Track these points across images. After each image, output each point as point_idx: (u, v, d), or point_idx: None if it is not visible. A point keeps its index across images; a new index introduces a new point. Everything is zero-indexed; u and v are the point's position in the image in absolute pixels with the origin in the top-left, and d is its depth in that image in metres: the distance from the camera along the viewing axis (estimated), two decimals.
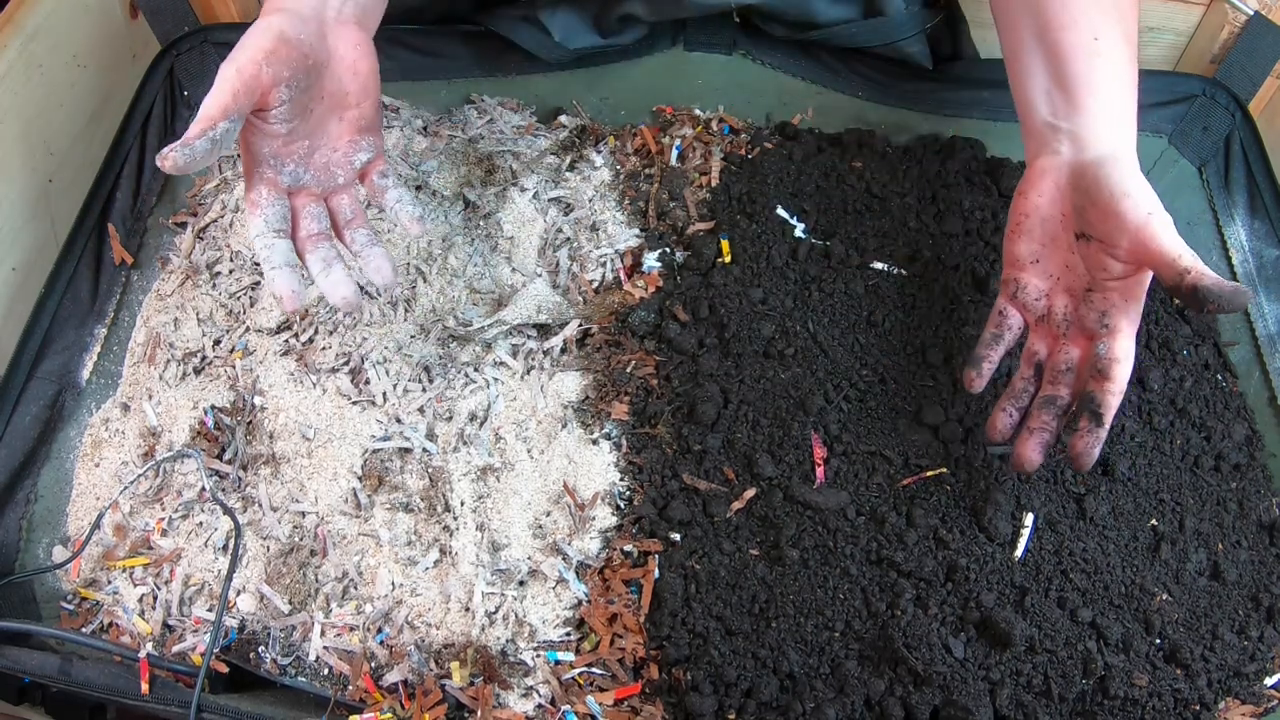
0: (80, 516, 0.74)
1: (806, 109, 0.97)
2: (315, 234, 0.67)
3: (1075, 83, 0.68)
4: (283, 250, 0.64)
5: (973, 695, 0.62)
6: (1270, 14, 0.90)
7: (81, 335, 0.81)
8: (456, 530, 0.71)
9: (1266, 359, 0.83)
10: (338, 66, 0.66)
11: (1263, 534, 0.74)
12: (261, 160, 0.64)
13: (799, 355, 0.78)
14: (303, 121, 0.65)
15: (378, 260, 0.69)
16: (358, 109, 0.68)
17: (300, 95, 0.63)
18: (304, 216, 0.67)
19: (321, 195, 0.69)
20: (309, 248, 0.67)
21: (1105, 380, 0.64)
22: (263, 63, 0.60)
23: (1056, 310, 0.68)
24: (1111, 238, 0.62)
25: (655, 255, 0.85)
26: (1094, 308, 0.65)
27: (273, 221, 0.64)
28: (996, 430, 0.69)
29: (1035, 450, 0.66)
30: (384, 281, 0.70)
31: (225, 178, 0.91)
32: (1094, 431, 0.64)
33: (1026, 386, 0.69)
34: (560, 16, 0.90)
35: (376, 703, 0.65)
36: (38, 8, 0.81)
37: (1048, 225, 0.68)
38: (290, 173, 0.66)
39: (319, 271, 0.66)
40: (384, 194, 0.71)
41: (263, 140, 0.64)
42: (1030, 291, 0.69)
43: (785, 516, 0.70)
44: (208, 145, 0.57)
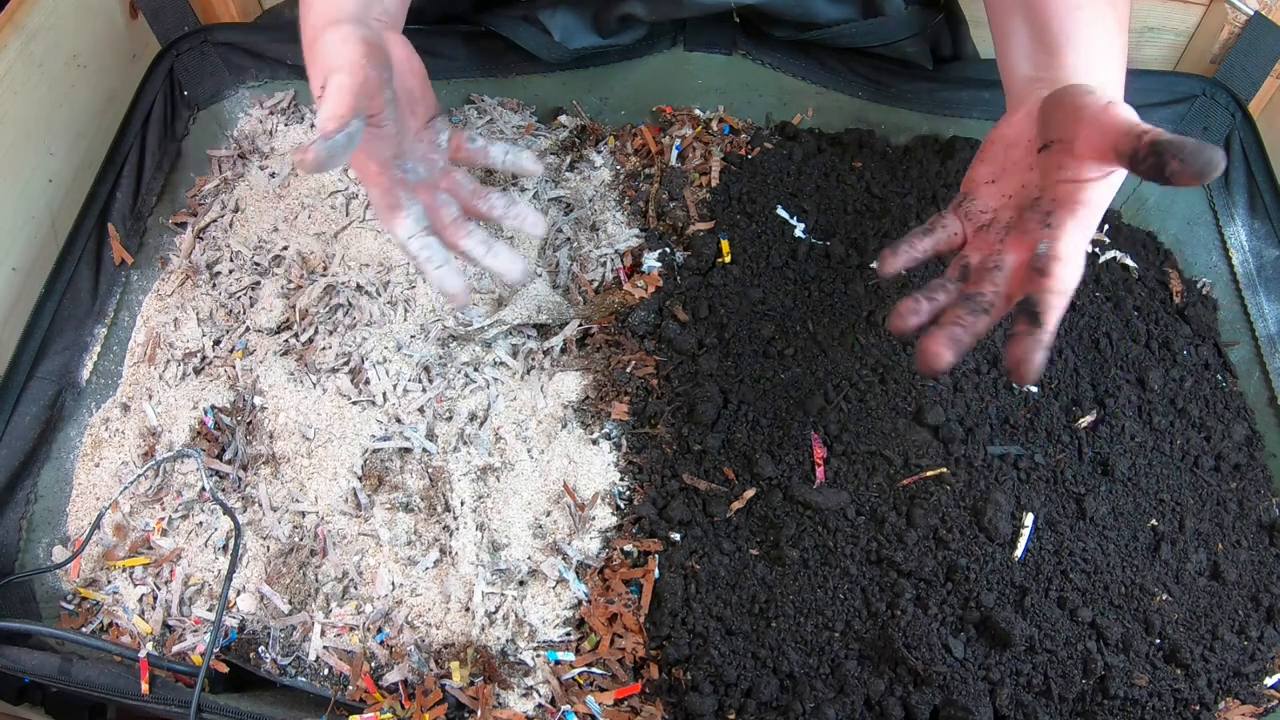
0: (80, 516, 0.74)
1: (806, 109, 0.97)
2: (457, 219, 0.68)
3: (1055, 40, 0.66)
4: (438, 247, 0.65)
5: (973, 695, 0.62)
6: (1270, 14, 0.90)
7: (81, 335, 0.81)
8: (456, 530, 0.71)
9: (1266, 359, 0.83)
10: (400, 67, 0.67)
11: (1263, 534, 0.74)
12: (387, 164, 0.64)
13: (799, 355, 0.78)
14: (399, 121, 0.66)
15: (527, 214, 0.70)
16: (424, 101, 0.69)
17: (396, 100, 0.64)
18: (439, 207, 0.68)
19: (434, 185, 0.69)
20: (459, 235, 0.68)
21: (1044, 278, 0.57)
22: (366, 65, 0.59)
23: (1000, 219, 0.64)
24: (1072, 131, 0.58)
25: (655, 255, 0.85)
26: (1039, 209, 0.60)
27: (420, 220, 0.65)
28: (900, 316, 0.61)
29: (943, 345, 0.58)
30: (539, 232, 0.71)
31: (225, 178, 0.91)
32: (1033, 334, 0.55)
33: (946, 285, 0.63)
34: (560, 16, 0.90)
35: (376, 703, 0.65)
36: (38, 8, 0.81)
37: (1011, 152, 0.65)
38: (413, 170, 0.66)
39: (483, 254, 0.67)
40: (487, 154, 0.72)
41: (380, 144, 0.64)
42: (978, 204, 0.65)
43: (785, 516, 0.70)
44: (345, 140, 0.56)
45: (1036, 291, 0.57)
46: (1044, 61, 0.67)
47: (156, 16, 0.94)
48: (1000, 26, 0.72)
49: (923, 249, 0.66)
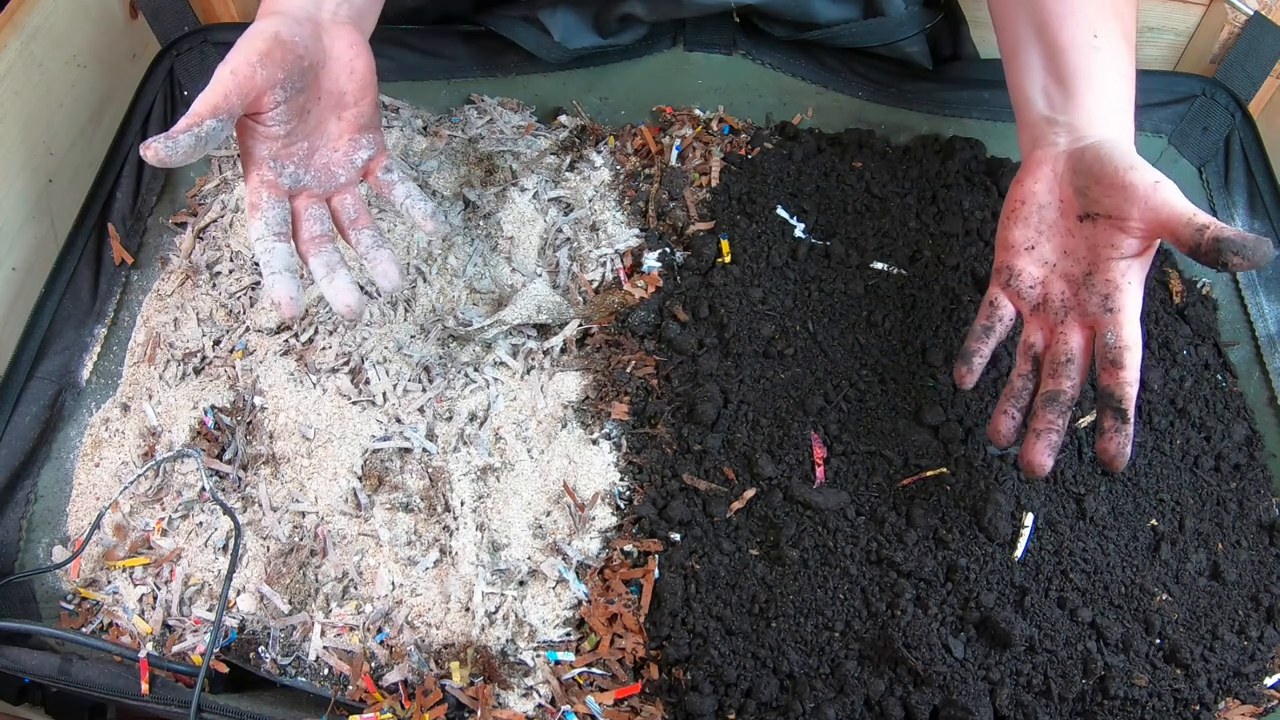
0: (80, 516, 0.74)
1: (806, 109, 0.97)
2: (318, 236, 0.67)
3: (1072, 77, 0.67)
4: (283, 254, 0.64)
5: (973, 695, 0.62)
6: (1270, 14, 0.90)
7: (81, 335, 0.81)
8: (456, 530, 0.71)
9: (1266, 359, 0.83)
10: (334, 67, 0.66)
11: (1263, 534, 0.74)
12: (260, 162, 0.64)
13: (799, 355, 0.78)
14: (301, 123, 0.65)
15: (384, 264, 0.69)
16: (356, 108, 0.68)
17: (296, 97, 0.63)
18: (306, 219, 0.67)
19: (323, 196, 0.68)
20: (312, 251, 0.67)
21: (1119, 370, 0.60)
22: (257, 64, 0.60)
23: (1053, 297, 0.65)
24: (1121, 210, 0.60)
25: (655, 255, 0.85)
26: (1095, 291, 0.62)
27: (273, 224, 0.64)
28: (1000, 434, 0.66)
29: (1044, 454, 0.62)
30: (390, 286, 0.69)
31: (225, 178, 0.91)
32: (1122, 429, 0.59)
33: (1026, 383, 0.66)
34: (560, 16, 0.90)
35: (376, 703, 0.65)
36: (38, 8, 0.81)
37: (1045, 211, 0.67)
38: (290, 174, 0.65)
39: (322, 277, 0.66)
40: (392, 189, 0.71)
41: (261, 143, 0.64)
42: (1025, 279, 0.67)
43: (785, 516, 0.70)
44: (191, 141, 0.57)
45: (1114, 385, 0.60)
46: (1061, 102, 0.67)
47: (156, 16, 0.94)
48: (1013, 53, 0.72)
49: (990, 348, 0.68)
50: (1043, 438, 0.63)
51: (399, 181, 0.71)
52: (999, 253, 0.69)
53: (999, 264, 0.69)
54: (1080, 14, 0.68)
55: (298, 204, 0.67)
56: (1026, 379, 0.67)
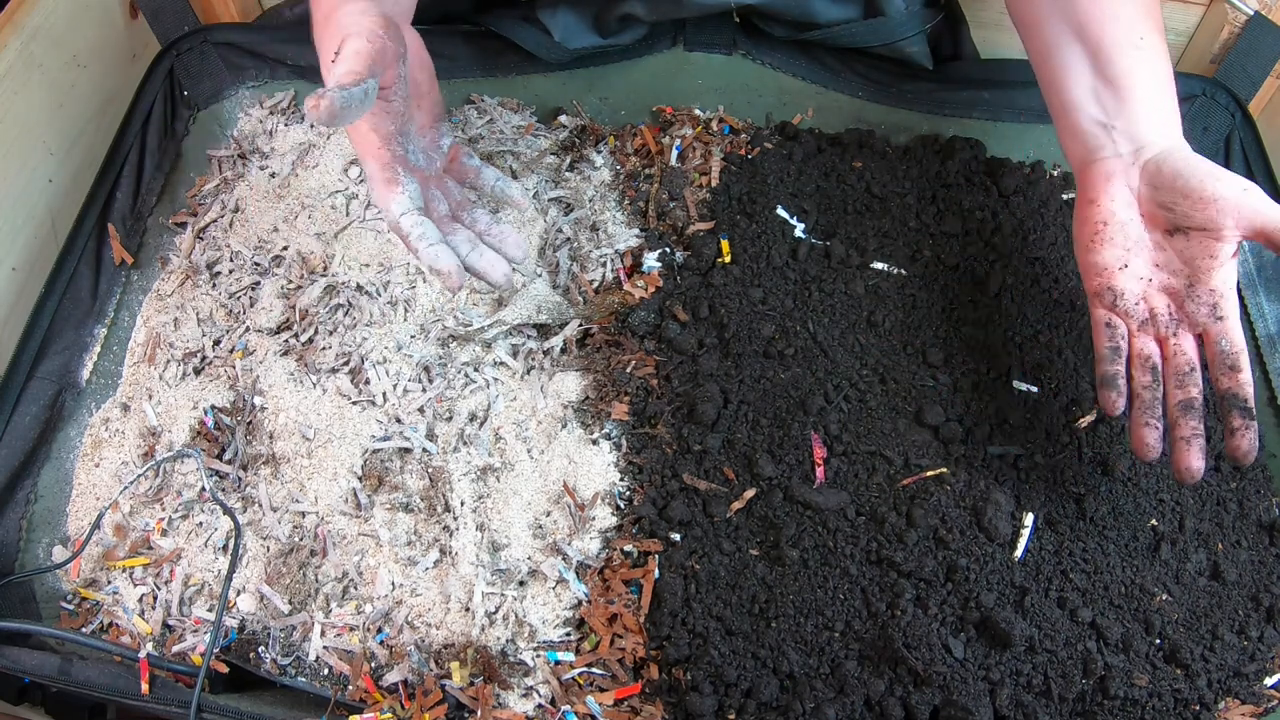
0: (80, 516, 0.74)
1: (806, 109, 0.97)
2: (444, 216, 0.67)
3: (1123, 79, 0.67)
4: (433, 228, 0.64)
5: (973, 695, 0.62)
6: (1270, 14, 0.89)
7: (81, 335, 0.81)
8: (456, 530, 0.71)
9: (1266, 359, 0.83)
10: (411, 57, 0.66)
11: (1263, 534, 0.74)
12: (389, 138, 0.63)
13: (799, 355, 0.78)
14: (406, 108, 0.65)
15: (510, 237, 0.70)
16: (430, 97, 0.69)
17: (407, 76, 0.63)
18: (432, 199, 0.67)
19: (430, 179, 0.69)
20: (446, 230, 0.67)
21: (1239, 373, 0.63)
22: (383, 35, 0.59)
23: (1160, 312, 0.67)
24: (1215, 221, 0.62)
25: (655, 255, 0.85)
26: (1202, 301, 0.64)
27: (415, 198, 0.64)
28: (1149, 447, 0.66)
29: (1198, 459, 0.64)
30: (520, 255, 0.69)
31: (225, 178, 0.91)
32: (1250, 426, 0.63)
33: (1154, 394, 0.67)
34: (560, 16, 0.90)
35: (376, 703, 0.65)
36: (38, 8, 0.81)
37: (1129, 229, 0.67)
38: (413, 151, 0.66)
39: (468, 252, 0.66)
40: (478, 174, 0.71)
41: (386, 118, 0.63)
42: (1129, 298, 0.68)
43: (785, 516, 0.70)
44: (361, 95, 0.54)
45: (1237, 388, 0.63)
46: (1114, 106, 0.68)
47: (156, 16, 0.94)
48: (1051, 57, 0.72)
49: (1124, 367, 0.68)
50: (1193, 444, 0.64)
51: (482, 167, 0.71)
52: (1089, 277, 0.69)
53: (1096, 288, 0.69)
54: (1121, 15, 0.68)
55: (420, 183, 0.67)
56: (1153, 389, 0.67)
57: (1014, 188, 0.89)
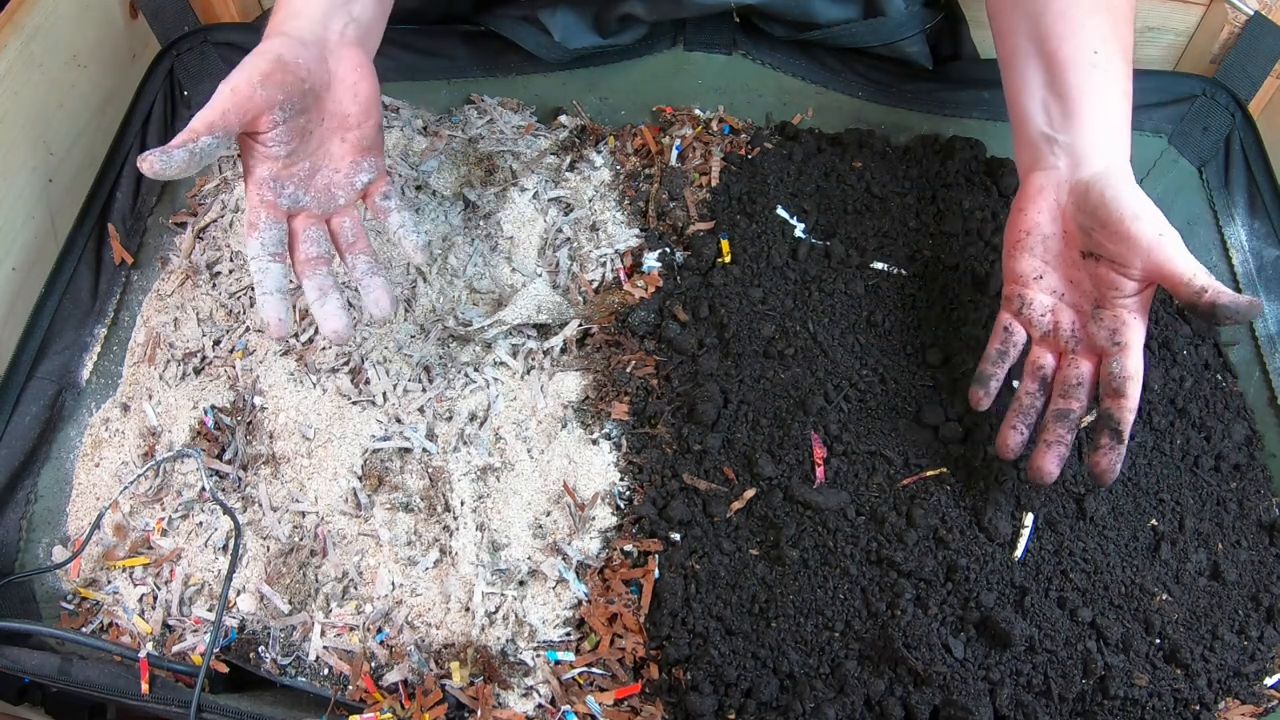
0: (80, 516, 0.74)
1: (806, 109, 0.97)
2: (314, 258, 0.67)
3: (1073, 95, 0.68)
4: (276, 275, 0.64)
5: (973, 695, 0.62)
6: (1270, 14, 0.90)
7: (81, 335, 0.81)
8: (456, 530, 0.71)
9: (1266, 359, 0.83)
10: (339, 88, 0.67)
11: (1263, 534, 0.74)
12: (261, 183, 0.65)
13: (799, 355, 0.78)
14: (303, 143, 0.66)
15: (376, 291, 0.69)
16: (359, 130, 0.68)
17: (296, 119, 0.64)
18: (303, 240, 0.67)
19: (323, 217, 0.68)
20: (306, 272, 0.67)
21: (1121, 398, 0.64)
22: (258, 85, 0.61)
23: (1064, 327, 0.68)
24: (1124, 258, 0.63)
25: (655, 255, 0.85)
26: (1104, 325, 0.65)
27: (269, 245, 0.64)
28: (1009, 448, 0.68)
29: (1053, 463, 0.66)
30: (380, 314, 0.69)
31: (225, 178, 0.91)
32: (1115, 448, 0.64)
33: (1034, 401, 0.69)
34: (560, 16, 0.90)
35: (376, 703, 0.65)
36: (38, 8, 0.81)
37: (1050, 243, 0.69)
38: (290, 195, 0.66)
39: (315, 300, 0.66)
40: (387, 216, 0.71)
41: (261, 163, 0.64)
42: (1036, 308, 0.69)
43: (785, 516, 0.70)
44: (185, 156, 0.58)
45: (1116, 410, 0.64)
46: (1060, 120, 0.68)
47: (156, 16, 0.94)
48: (1011, 64, 0.73)
49: (1004, 372, 0.70)
50: (1053, 449, 0.66)
51: (395, 210, 0.71)
52: (1007, 282, 0.71)
53: (1009, 293, 0.71)
54: (1081, 31, 0.68)
55: (296, 224, 0.67)
56: (1034, 397, 0.69)
57: (1014, 188, 0.89)
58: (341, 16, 0.68)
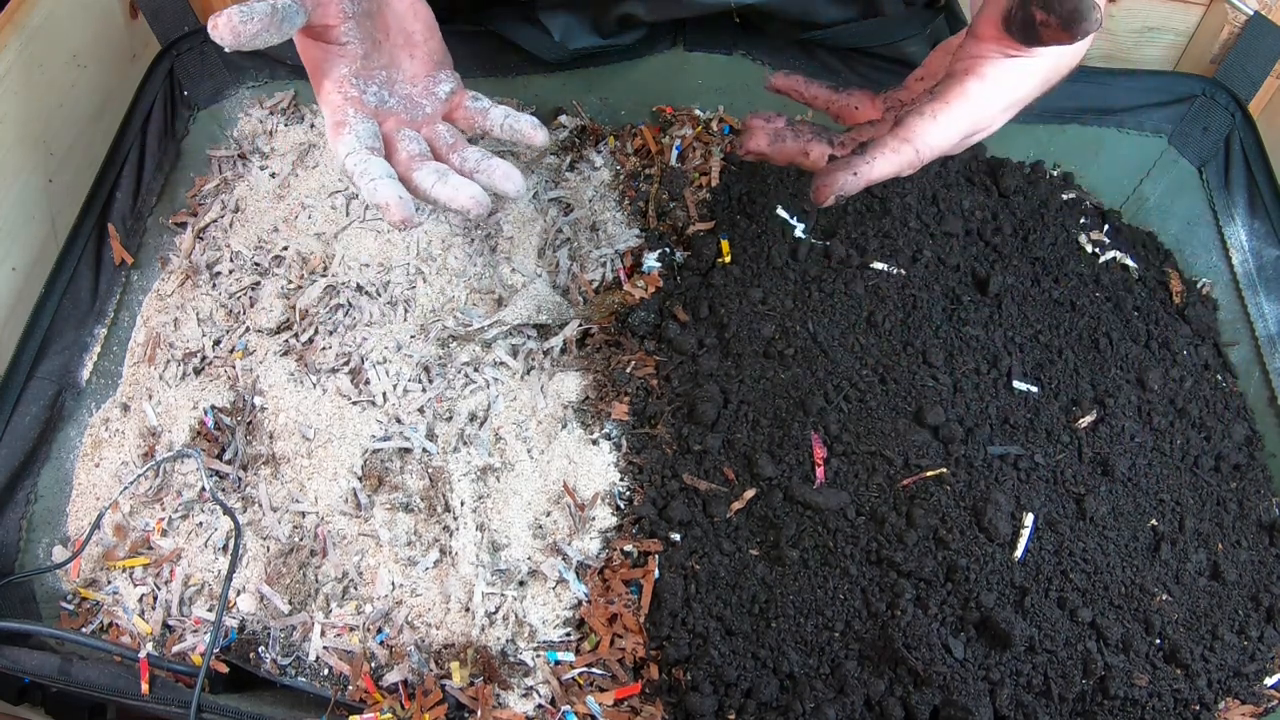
0: (80, 516, 0.74)
1: (806, 109, 0.96)
2: (416, 154, 0.62)
3: None
4: (379, 164, 0.59)
5: (973, 695, 0.62)
6: (1270, 14, 0.90)
7: (81, 335, 0.81)
8: (456, 530, 0.71)
9: (1266, 359, 0.83)
10: (399, 6, 0.64)
11: (1263, 534, 0.74)
12: (342, 80, 0.60)
13: (799, 355, 0.78)
14: (376, 51, 0.62)
15: (503, 169, 0.63)
16: (426, 45, 0.66)
17: (364, 20, 0.60)
18: (400, 139, 0.62)
19: (413, 124, 0.64)
20: (415, 166, 0.61)
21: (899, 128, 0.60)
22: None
23: None
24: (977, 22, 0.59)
25: (655, 255, 0.85)
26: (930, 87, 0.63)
27: (364, 138, 0.59)
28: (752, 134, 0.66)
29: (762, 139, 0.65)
30: (516, 188, 0.63)
31: (225, 178, 0.91)
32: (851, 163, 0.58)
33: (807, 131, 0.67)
34: (560, 16, 0.90)
35: (376, 703, 0.65)
36: (38, 8, 0.81)
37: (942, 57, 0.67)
38: (375, 93, 0.62)
39: (433, 183, 0.60)
40: (486, 115, 0.66)
41: (341, 60, 0.60)
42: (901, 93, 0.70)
43: (785, 516, 0.70)
44: (268, 10, 0.52)
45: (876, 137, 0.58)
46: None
47: (156, 16, 0.94)
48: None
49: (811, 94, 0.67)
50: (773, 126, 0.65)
51: (492, 107, 0.66)
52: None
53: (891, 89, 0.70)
54: None
55: (387, 126, 0.62)
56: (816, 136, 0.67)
57: (1014, 188, 0.89)
58: None
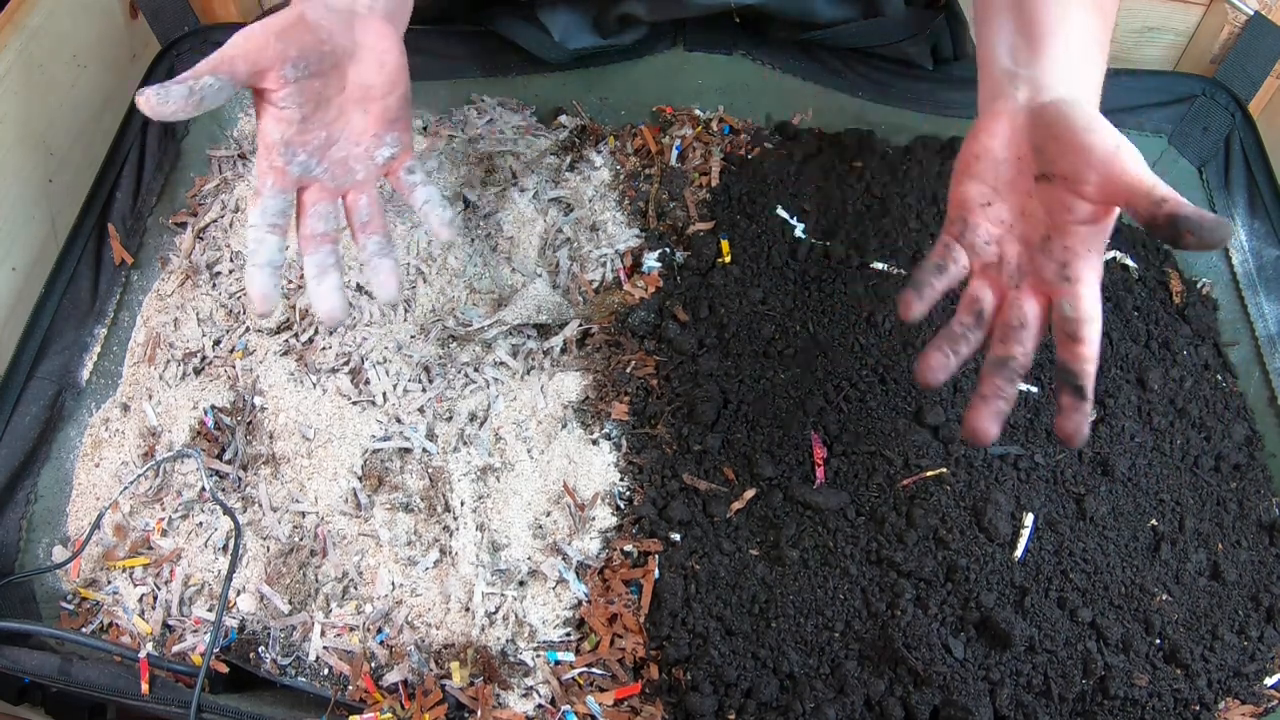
0: (80, 516, 0.74)
1: (806, 109, 0.97)
2: (318, 234, 0.65)
3: (1040, 34, 0.62)
4: (270, 248, 0.62)
5: (973, 695, 0.62)
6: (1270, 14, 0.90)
7: (81, 335, 0.81)
8: (456, 530, 0.71)
9: (1266, 359, 0.83)
10: (363, 57, 0.65)
11: (1263, 534, 0.74)
12: (272, 147, 0.62)
13: (799, 355, 0.78)
14: (320, 111, 0.63)
15: (385, 274, 0.66)
16: (383, 101, 0.66)
17: (311, 81, 0.61)
18: (310, 214, 0.64)
19: (337, 191, 0.66)
20: (309, 248, 0.65)
21: (1077, 344, 0.57)
22: (273, 36, 0.59)
23: (1009, 259, 0.61)
24: (1078, 173, 0.56)
25: (655, 255, 0.85)
26: (1053, 257, 0.58)
27: (269, 214, 0.62)
28: (930, 370, 0.61)
29: (991, 421, 0.59)
30: (387, 297, 0.67)
31: (225, 178, 0.91)
32: (1079, 408, 0.57)
33: (965, 333, 0.62)
34: (560, 16, 0.90)
35: (376, 703, 0.65)
36: (38, 8, 0.81)
37: (1001, 168, 0.62)
38: (301, 163, 0.63)
39: (312, 277, 0.64)
40: (412, 191, 0.68)
41: (275, 125, 0.62)
42: (980, 234, 0.62)
43: (785, 516, 0.70)
44: (185, 93, 0.56)
45: (1072, 361, 0.57)
46: (1025, 56, 0.63)
47: (156, 16, 0.94)
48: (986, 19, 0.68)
49: (942, 287, 0.64)
50: (990, 404, 0.59)
51: (421, 184, 0.68)
52: (952, 207, 0.65)
53: (954, 217, 0.64)
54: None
55: (306, 196, 0.65)
56: (967, 329, 0.62)
57: None
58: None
